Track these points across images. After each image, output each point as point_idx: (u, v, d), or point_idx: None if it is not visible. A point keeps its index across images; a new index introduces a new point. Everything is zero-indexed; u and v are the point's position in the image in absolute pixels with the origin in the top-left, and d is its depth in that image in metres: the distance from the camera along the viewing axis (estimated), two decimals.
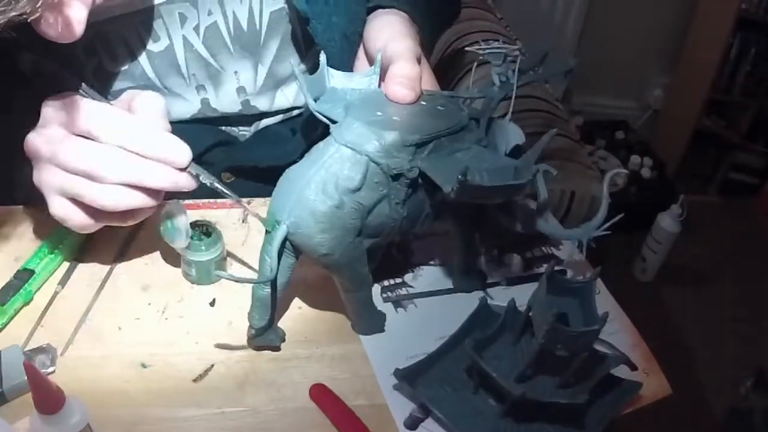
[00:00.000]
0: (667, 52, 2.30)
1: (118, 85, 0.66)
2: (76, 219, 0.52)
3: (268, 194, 0.71)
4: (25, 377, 0.45)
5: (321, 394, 0.53)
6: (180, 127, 0.69)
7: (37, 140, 0.51)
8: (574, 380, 0.50)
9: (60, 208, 0.51)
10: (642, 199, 2.12)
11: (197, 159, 0.72)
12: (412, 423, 0.52)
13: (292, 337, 0.58)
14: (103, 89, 0.65)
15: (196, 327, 0.58)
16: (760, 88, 2.17)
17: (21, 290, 0.57)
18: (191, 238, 0.59)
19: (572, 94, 2.35)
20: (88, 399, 0.48)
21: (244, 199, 0.70)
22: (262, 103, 0.72)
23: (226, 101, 0.70)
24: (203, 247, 0.59)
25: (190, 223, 0.59)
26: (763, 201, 2.30)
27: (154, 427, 0.51)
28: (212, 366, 0.55)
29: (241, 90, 0.70)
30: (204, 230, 0.60)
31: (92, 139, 0.49)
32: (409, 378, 0.52)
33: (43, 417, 0.44)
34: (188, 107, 0.69)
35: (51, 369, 0.53)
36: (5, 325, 0.56)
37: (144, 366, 0.55)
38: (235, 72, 0.69)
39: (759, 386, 1.56)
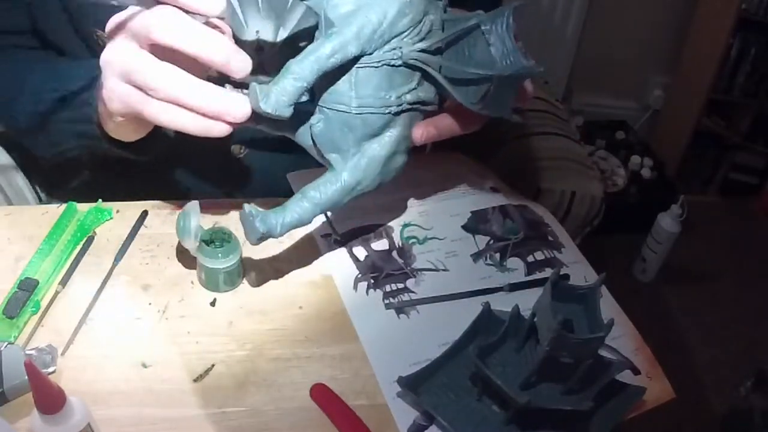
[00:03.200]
0: (667, 52, 2.29)
1: None
2: (120, 101, 0.52)
3: (282, 164, 0.71)
4: (26, 377, 0.45)
5: (321, 394, 0.53)
6: None
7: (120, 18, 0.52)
8: (579, 386, 0.50)
9: (111, 86, 0.52)
10: (642, 199, 2.12)
11: None
12: (417, 430, 0.52)
13: (293, 336, 0.58)
14: None
15: (196, 327, 0.58)
16: (760, 88, 2.17)
17: (29, 302, 0.57)
18: (210, 243, 0.59)
19: (572, 94, 2.34)
20: (89, 399, 0.48)
21: (245, 200, 0.71)
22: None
23: None
24: (219, 255, 0.59)
25: (214, 229, 0.60)
26: (763, 201, 2.30)
27: (154, 427, 0.51)
28: (212, 366, 0.55)
29: (258, 50, 0.70)
30: (224, 238, 0.60)
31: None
32: (412, 386, 0.52)
33: (44, 417, 0.44)
34: None
35: (51, 369, 0.53)
36: (17, 338, 0.56)
37: (144, 366, 0.55)
38: (257, 31, 0.69)
39: (759, 386, 1.56)
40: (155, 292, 0.61)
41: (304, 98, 0.52)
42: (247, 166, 0.76)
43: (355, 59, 0.50)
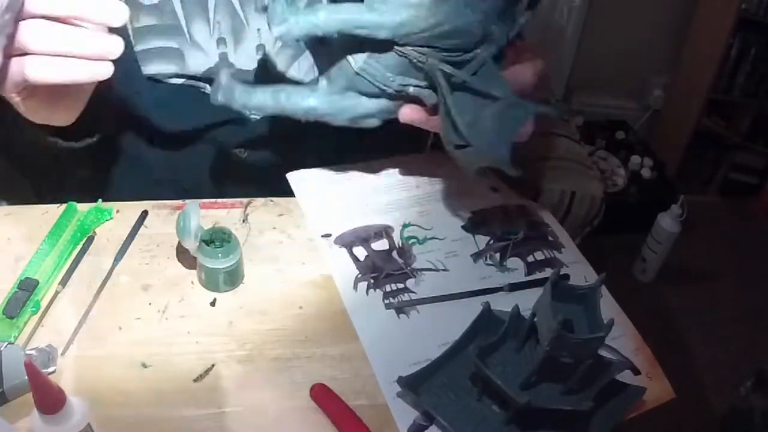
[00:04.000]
0: (667, 52, 2.29)
1: (144, 20, 0.66)
2: (7, 86, 0.49)
3: (282, 164, 0.71)
4: (26, 377, 0.44)
5: (322, 394, 0.53)
6: (194, 94, 0.70)
7: None
8: (579, 386, 0.50)
9: None
10: (642, 199, 2.12)
11: (207, 131, 0.73)
12: (417, 430, 0.52)
13: (292, 336, 0.58)
14: (130, 22, 0.65)
15: (196, 327, 0.58)
16: (760, 88, 2.17)
17: (29, 302, 0.57)
18: (210, 243, 0.59)
19: (572, 94, 2.34)
20: (89, 399, 0.48)
21: (245, 200, 0.71)
22: (277, 63, 0.72)
23: (243, 57, 0.70)
24: (219, 255, 0.59)
25: (214, 229, 0.60)
26: (763, 201, 2.30)
27: (154, 427, 0.51)
28: (212, 366, 0.55)
29: (260, 47, 0.70)
30: (224, 238, 0.60)
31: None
32: (412, 386, 0.52)
33: (44, 417, 0.44)
34: (206, 60, 0.69)
35: (51, 369, 0.53)
36: (17, 338, 0.56)
37: (144, 366, 0.55)
38: (258, 29, 0.69)
39: (759, 386, 1.56)
40: (155, 292, 0.61)
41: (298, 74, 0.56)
42: (246, 167, 0.76)
43: (385, 40, 0.51)
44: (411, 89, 0.55)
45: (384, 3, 0.50)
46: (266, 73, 0.71)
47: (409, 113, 0.58)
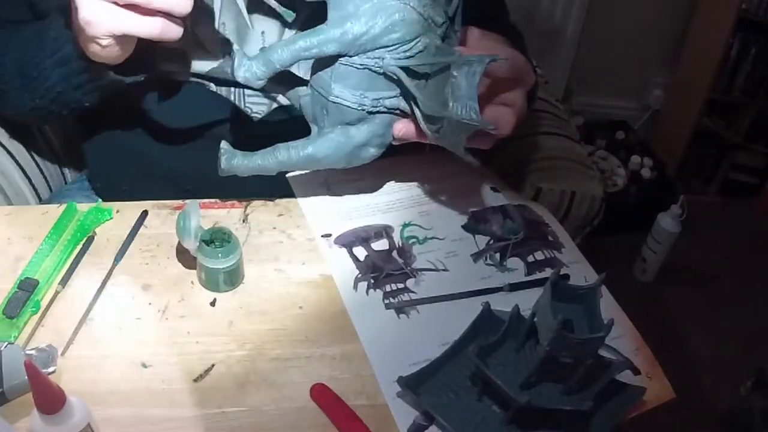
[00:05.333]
0: (667, 52, 2.29)
1: None
2: (105, 22, 0.53)
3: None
4: (26, 377, 0.45)
5: (322, 394, 0.53)
6: (198, 92, 0.71)
7: None
8: (579, 386, 0.50)
9: (91, 10, 0.53)
10: (642, 199, 2.12)
11: (210, 127, 0.73)
12: (417, 430, 0.52)
13: (293, 336, 0.58)
14: None
15: (196, 327, 0.58)
16: (760, 88, 2.16)
17: (29, 302, 0.57)
18: (210, 243, 0.59)
19: (572, 94, 2.34)
20: (89, 399, 0.48)
21: (245, 200, 0.71)
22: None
23: None
24: (219, 255, 0.59)
25: (214, 229, 0.60)
26: (763, 201, 2.30)
27: (154, 427, 0.51)
28: (212, 366, 0.55)
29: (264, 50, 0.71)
30: (224, 238, 0.60)
31: None
32: (412, 385, 0.52)
33: (44, 417, 0.44)
34: (210, 60, 0.70)
35: (51, 369, 0.53)
36: (17, 338, 0.56)
37: (144, 366, 0.55)
38: (262, 32, 0.70)
39: (759, 386, 1.56)
40: (155, 292, 0.61)
41: (299, 72, 0.60)
42: None
43: (339, 55, 0.54)
44: (387, 102, 0.57)
45: (333, 12, 0.53)
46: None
47: (401, 127, 0.59)
